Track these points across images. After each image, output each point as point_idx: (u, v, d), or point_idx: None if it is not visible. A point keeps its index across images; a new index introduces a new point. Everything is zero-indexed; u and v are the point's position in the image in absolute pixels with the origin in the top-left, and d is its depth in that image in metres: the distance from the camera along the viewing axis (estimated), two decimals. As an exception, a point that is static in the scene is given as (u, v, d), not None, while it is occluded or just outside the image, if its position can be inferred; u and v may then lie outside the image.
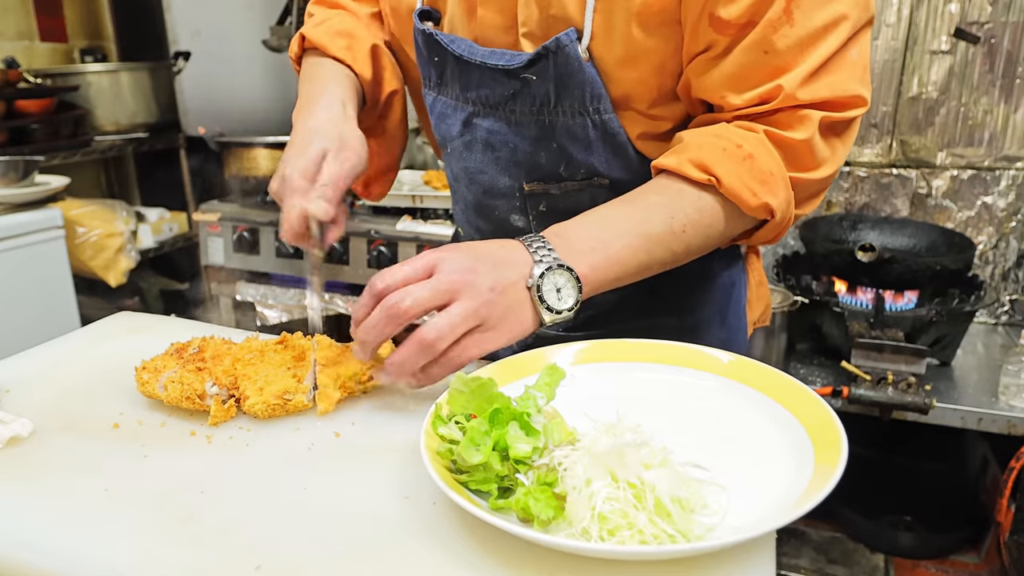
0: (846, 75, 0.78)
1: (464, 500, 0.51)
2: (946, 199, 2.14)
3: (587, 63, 0.82)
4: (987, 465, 2.07)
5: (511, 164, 0.92)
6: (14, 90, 2.60)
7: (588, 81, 0.83)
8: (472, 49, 0.88)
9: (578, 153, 0.88)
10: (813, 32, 0.75)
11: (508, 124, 0.90)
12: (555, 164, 0.90)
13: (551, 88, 0.84)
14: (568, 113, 0.86)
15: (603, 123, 0.86)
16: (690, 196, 0.79)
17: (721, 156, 0.78)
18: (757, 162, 0.77)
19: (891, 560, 2.02)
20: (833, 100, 0.78)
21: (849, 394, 1.73)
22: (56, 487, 0.60)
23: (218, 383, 0.72)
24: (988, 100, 2.05)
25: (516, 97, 0.87)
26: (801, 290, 1.93)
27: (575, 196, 0.91)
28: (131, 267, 2.58)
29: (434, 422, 0.60)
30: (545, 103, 0.86)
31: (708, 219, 0.80)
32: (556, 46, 0.81)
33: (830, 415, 0.59)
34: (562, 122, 0.87)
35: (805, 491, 0.52)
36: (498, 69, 0.86)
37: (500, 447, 0.56)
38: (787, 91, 0.77)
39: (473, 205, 1.01)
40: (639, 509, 0.49)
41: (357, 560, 0.52)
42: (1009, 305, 2.16)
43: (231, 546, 0.53)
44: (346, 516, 0.56)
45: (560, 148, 0.88)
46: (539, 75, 0.84)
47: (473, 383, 0.61)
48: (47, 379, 0.79)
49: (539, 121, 0.88)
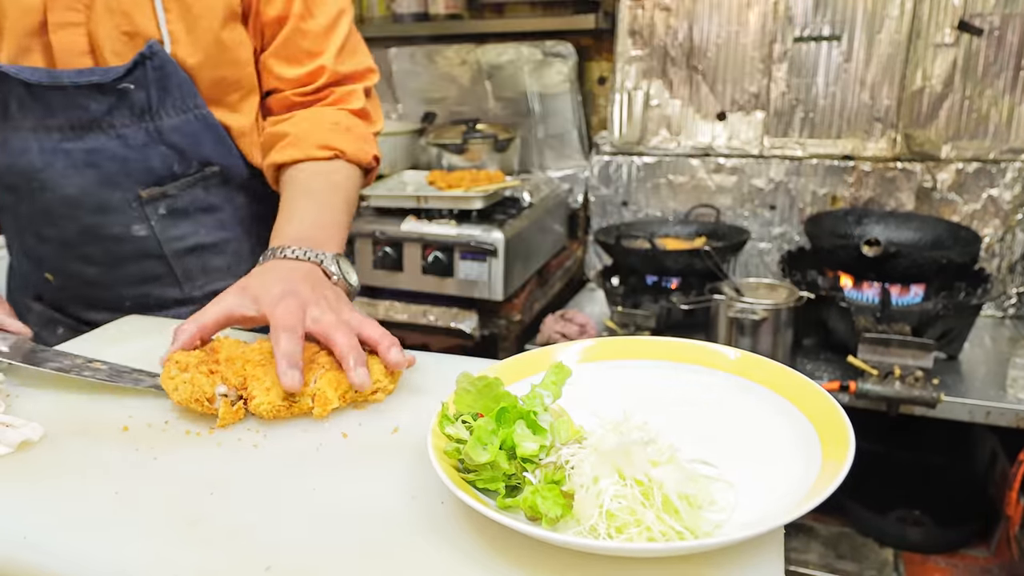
0: (357, 52, 1.07)
1: (472, 499, 0.51)
2: (951, 192, 2.13)
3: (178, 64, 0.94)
4: (996, 459, 2.06)
5: (121, 176, 0.98)
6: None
7: (183, 80, 0.94)
8: (51, 75, 0.91)
9: (189, 149, 0.99)
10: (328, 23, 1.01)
11: (110, 137, 0.95)
12: (168, 164, 0.99)
13: (152, 92, 0.93)
14: (172, 113, 0.96)
15: (204, 117, 0.98)
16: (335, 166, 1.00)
17: (332, 134, 1.00)
18: (354, 131, 1.03)
19: (900, 555, 2.01)
20: (361, 71, 1.07)
21: (856, 389, 1.73)
22: (66, 490, 0.61)
23: (227, 383, 0.72)
24: (993, 92, 2.04)
25: (113, 110, 0.94)
26: (807, 285, 1.92)
27: (191, 191, 1.02)
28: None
29: (441, 421, 0.61)
30: (147, 109, 0.95)
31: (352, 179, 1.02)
32: (150, 51, 0.91)
33: (837, 410, 0.59)
34: (168, 123, 0.96)
35: (813, 486, 0.52)
36: (91, 86, 0.91)
37: (507, 446, 0.56)
38: (329, 67, 1.02)
39: (74, 239, 1.02)
40: (647, 507, 0.49)
41: (366, 560, 0.52)
42: (1016, 298, 2.15)
43: (241, 547, 0.54)
44: (355, 516, 0.57)
45: (171, 147, 0.98)
46: (137, 82, 0.92)
47: (479, 382, 0.61)
48: (56, 382, 0.80)
49: (145, 128, 0.95)
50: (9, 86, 0.92)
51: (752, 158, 2.31)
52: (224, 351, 0.77)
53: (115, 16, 0.90)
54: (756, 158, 2.31)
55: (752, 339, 1.85)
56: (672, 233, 2.33)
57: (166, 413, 0.73)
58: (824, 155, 2.24)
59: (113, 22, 0.90)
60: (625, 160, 2.46)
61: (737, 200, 2.36)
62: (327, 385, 0.72)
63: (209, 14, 0.93)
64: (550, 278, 2.37)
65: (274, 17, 0.99)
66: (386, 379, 0.75)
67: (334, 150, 1.00)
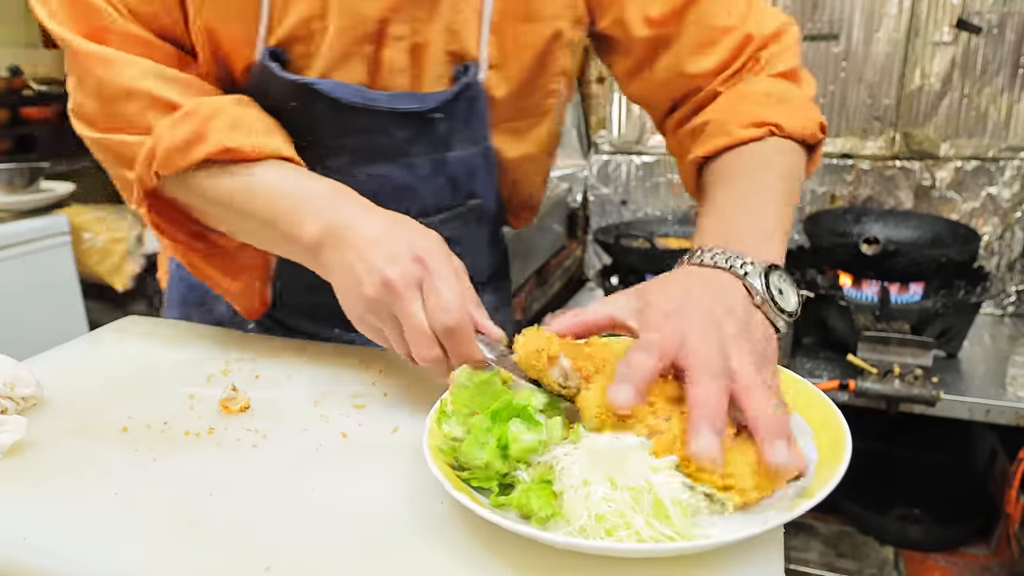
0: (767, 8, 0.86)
1: (466, 497, 0.51)
2: (950, 190, 2.13)
3: (485, 94, 0.83)
4: (995, 457, 2.06)
5: (394, 203, 0.80)
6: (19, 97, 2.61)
7: (483, 113, 0.84)
8: (366, 96, 0.80)
9: (464, 182, 0.89)
10: None
11: (399, 166, 0.85)
12: (441, 197, 0.89)
13: (455, 125, 0.83)
14: (460, 146, 0.85)
15: (487, 151, 0.88)
16: (769, 145, 0.79)
17: (762, 108, 0.80)
18: (789, 99, 0.82)
19: (901, 553, 2.02)
20: (783, 23, 0.86)
21: (856, 387, 1.73)
22: (65, 491, 0.61)
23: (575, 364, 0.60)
24: (991, 90, 2.04)
25: (414, 139, 0.83)
26: (806, 284, 1.92)
27: (451, 223, 0.90)
28: (137, 271, 2.59)
29: (438, 419, 0.61)
30: (442, 141, 0.84)
31: (792, 157, 0.81)
32: (469, 82, 0.81)
33: (833, 411, 0.59)
34: (455, 156, 0.86)
35: (809, 487, 0.52)
36: (405, 113, 0.80)
37: (502, 443, 0.56)
38: (755, 33, 0.83)
39: None
40: (636, 511, 0.49)
41: (366, 560, 0.52)
42: (1015, 296, 2.15)
43: (241, 547, 0.54)
44: (354, 516, 0.57)
45: (449, 180, 0.88)
46: (448, 114, 0.82)
47: (477, 378, 0.62)
48: (54, 384, 0.80)
49: (432, 159, 0.85)
50: (311, 101, 0.79)
51: (751, 157, 2.31)
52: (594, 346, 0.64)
53: (446, 33, 0.80)
54: (755, 157, 2.31)
55: (751, 338, 1.85)
56: (672, 232, 2.33)
57: (165, 414, 0.73)
58: (823, 153, 2.24)
59: (443, 39, 0.80)
60: (624, 159, 2.46)
61: (736, 199, 2.36)
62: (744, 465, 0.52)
63: (534, 38, 0.81)
64: (549, 277, 2.37)
65: (659, 17, 0.83)
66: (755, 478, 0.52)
67: (767, 125, 0.79)
